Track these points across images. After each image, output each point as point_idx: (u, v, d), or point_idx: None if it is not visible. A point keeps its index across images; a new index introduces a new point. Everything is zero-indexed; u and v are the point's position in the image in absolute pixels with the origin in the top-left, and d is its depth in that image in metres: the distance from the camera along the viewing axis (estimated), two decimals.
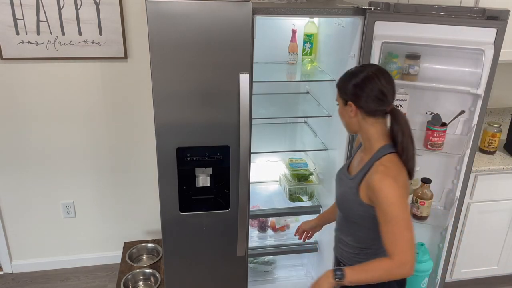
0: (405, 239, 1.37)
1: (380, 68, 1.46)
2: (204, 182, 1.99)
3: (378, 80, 1.40)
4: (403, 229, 1.38)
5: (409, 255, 1.37)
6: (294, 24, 2.42)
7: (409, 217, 1.40)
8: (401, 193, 1.39)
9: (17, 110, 2.53)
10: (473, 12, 1.86)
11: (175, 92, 1.79)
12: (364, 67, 1.47)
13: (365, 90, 1.41)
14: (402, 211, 1.38)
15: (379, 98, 1.41)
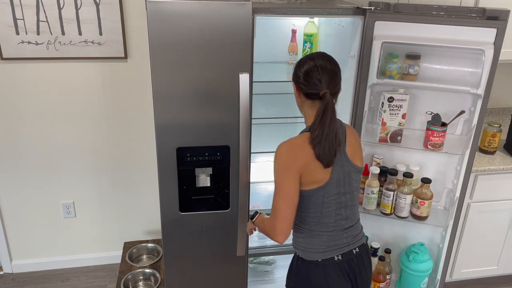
0: (276, 207, 1.53)
1: (323, 57, 1.55)
2: (204, 182, 1.99)
3: (315, 67, 1.52)
4: (277, 198, 1.53)
5: (277, 223, 1.52)
6: (294, 24, 2.42)
7: (288, 189, 1.52)
8: (288, 165, 1.52)
9: (17, 110, 2.53)
10: (473, 12, 1.86)
11: (175, 92, 1.79)
12: (311, 55, 1.58)
13: (303, 75, 1.54)
14: (281, 180, 1.52)
15: (313, 83, 1.52)
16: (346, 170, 1.60)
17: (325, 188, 1.57)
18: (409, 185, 2.06)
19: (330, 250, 1.64)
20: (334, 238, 1.64)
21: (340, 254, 1.64)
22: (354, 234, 1.68)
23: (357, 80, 2.00)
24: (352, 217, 1.67)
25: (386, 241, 2.34)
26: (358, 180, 1.67)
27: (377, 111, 2.07)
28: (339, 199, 1.61)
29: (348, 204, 1.64)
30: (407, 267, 2.23)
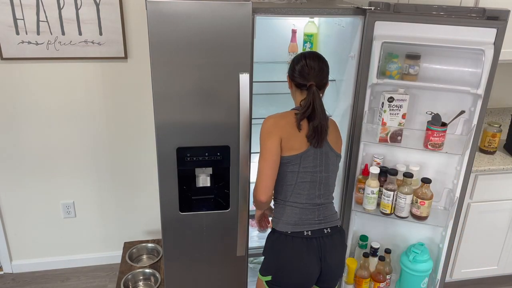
0: (259, 168, 1.75)
1: (312, 55, 1.79)
2: (204, 182, 1.99)
3: (305, 62, 1.76)
4: (260, 159, 1.76)
5: (259, 181, 1.74)
6: (294, 24, 2.42)
7: (271, 149, 1.74)
8: (271, 130, 1.75)
9: (17, 110, 2.53)
10: (473, 12, 1.86)
11: (175, 92, 1.79)
12: (303, 54, 1.80)
13: (295, 67, 1.78)
14: (264, 143, 1.75)
15: (301, 75, 1.75)
16: (324, 150, 1.78)
17: (302, 157, 1.75)
18: (409, 185, 2.06)
19: (301, 224, 1.78)
20: (306, 212, 1.78)
21: (310, 230, 1.77)
22: (326, 214, 1.81)
23: (357, 80, 2.00)
24: (326, 197, 1.82)
25: (386, 241, 2.34)
26: (335, 164, 1.84)
27: (377, 111, 2.07)
28: (314, 175, 1.77)
29: (323, 182, 1.80)
30: (407, 267, 2.23)
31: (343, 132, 2.12)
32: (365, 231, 2.33)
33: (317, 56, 1.80)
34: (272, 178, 1.75)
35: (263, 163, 1.74)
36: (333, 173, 1.84)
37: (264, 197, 1.74)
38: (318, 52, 1.83)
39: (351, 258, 2.32)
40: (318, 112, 1.73)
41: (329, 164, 1.81)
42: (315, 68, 1.76)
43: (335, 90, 2.23)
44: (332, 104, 2.29)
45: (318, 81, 1.77)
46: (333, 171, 1.84)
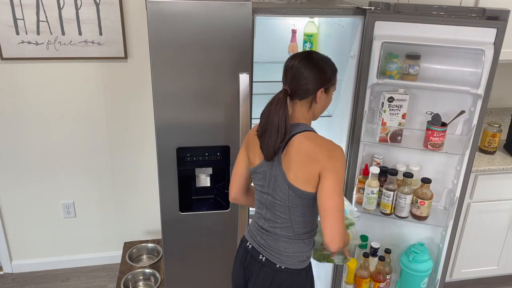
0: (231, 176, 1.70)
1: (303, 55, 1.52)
2: (204, 182, 1.99)
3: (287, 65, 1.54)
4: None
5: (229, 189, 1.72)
6: (294, 24, 2.42)
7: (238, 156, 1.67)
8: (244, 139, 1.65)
9: (17, 110, 2.53)
10: (473, 12, 1.86)
11: (175, 92, 1.79)
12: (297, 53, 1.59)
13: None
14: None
15: (283, 77, 1.57)
16: (273, 173, 1.53)
17: (253, 172, 1.60)
18: (409, 185, 2.06)
19: (250, 234, 1.68)
20: (255, 226, 1.66)
21: (251, 245, 1.65)
22: (271, 245, 1.59)
23: (357, 80, 2.00)
24: (273, 225, 1.58)
25: (386, 241, 2.34)
26: (285, 193, 1.51)
27: (377, 111, 2.07)
28: (261, 195, 1.60)
29: (269, 207, 1.58)
30: (407, 267, 2.23)
31: (344, 132, 2.12)
32: (365, 231, 2.33)
33: (307, 58, 1.50)
34: (236, 183, 1.70)
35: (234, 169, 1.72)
36: (281, 201, 1.53)
37: (231, 199, 1.75)
38: (316, 54, 1.53)
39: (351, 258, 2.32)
40: (269, 126, 1.47)
41: (277, 190, 1.53)
42: (293, 70, 1.50)
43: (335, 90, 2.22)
44: (332, 104, 2.29)
45: (292, 87, 1.50)
46: (281, 199, 1.53)
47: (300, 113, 1.55)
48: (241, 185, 1.70)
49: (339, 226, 1.42)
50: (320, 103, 1.56)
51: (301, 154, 1.47)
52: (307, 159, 1.46)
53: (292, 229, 1.56)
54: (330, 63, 1.55)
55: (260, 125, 1.51)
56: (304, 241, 1.59)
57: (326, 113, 2.31)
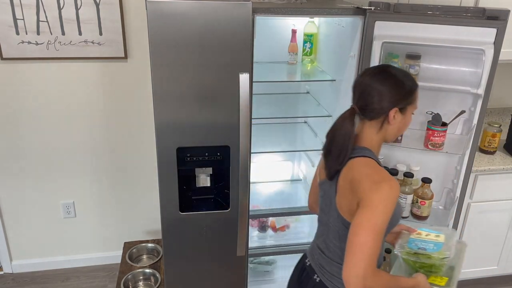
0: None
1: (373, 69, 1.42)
2: (204, 182, 1.99)
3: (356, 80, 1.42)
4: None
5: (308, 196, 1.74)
6: (294, 24, 2.42)
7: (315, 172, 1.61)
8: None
9: (17, 110, 2.53)
10: (473, 12, 1.86)
11: (175, 92, 1.79)
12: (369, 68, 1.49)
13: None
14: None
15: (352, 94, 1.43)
16: (330, 193, 1.45)
17: (318, 186, 1.55)
18: (409, 185, 2.06)
19: (310, 250, 1.62)
20: (315, 243, 1.59)
21: (309, 263, 1.58)
22: (325, 267, 1.50)
23: None
24: (327, 247, 1.50)
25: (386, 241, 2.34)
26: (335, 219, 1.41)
27: None
28: (321, 213, 1.54)
29: (325, 227, 1.50)
30: None
31: None
32: None
33: (379, 72, 1.36)
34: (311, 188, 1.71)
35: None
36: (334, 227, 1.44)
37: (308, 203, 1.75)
38: (392, 69, 1.37)
39: None
40: (332, 146, 1.37)
41: (330, 214, 1.45)
42: (362, 86, 1.36)
43: (335, 90, 2.23)
44: (332, 104, 2.29)
45: (360, 105, 1.36)
46: (334, 226, 1.43)
47: (367, 135, 1.40)
48: (314, 195, 1.67)
49: (358, 267, 1.20)
50: (395, 124, 1.38)
51: (347, 181, 1.35)
52: (350, 188, 1.34)
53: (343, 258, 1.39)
54: (407, 78, 1.37)
55: (325, 144, 1.42)
56: None
57: (326, 113, 2.31)
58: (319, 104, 2.46)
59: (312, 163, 2.59)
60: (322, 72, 2.36)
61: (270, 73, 2.39)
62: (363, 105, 1.36)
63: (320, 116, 2.33)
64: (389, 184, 1.26)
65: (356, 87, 1.39)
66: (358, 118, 1.40)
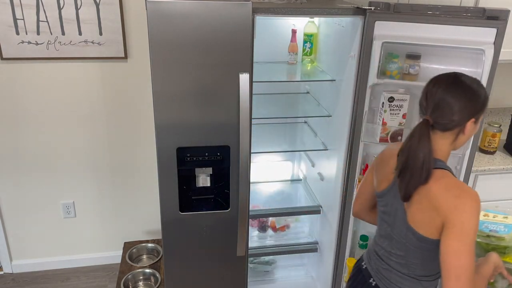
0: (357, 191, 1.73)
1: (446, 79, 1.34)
2: (204, 182, 1.99)
3: (425, 89, 1.37)
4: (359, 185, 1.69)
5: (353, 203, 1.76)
6: (294, 24, 2.42)
7: (364, 179, 1.65)
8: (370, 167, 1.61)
9: (17, 110, 2.53)
10: (473, 12, 1.85)
11: (175, 92, 1.79)
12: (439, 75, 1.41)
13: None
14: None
15: (420, 104, 1.38)
16: (395, 205, 1.43)
17: (378, 196, 1.53)
18: None
19: (367, 254, 1.64)
20: (372, 249, 1.60)
21: (365, 266, 1.61)
22: (383, 273, 1.52)
23: (357, 80, 1.99)
24: (388, 256, 1.50)
25: None
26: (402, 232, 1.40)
27: (377, 111, 2.07)
28: (382, 222, 1.53)
29: (387, 237, 1.50)
30: None
31: (344, 132, 2.12)
32: (366, 231, 2.33)
33: (455, 83, 1.31)
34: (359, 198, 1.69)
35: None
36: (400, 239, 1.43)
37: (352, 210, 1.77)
38: (466, 78, 1.33)
39: (351, 258, 2.32)
40: (411, 164, 1.32)
41: (395, 226, 1.44)
42: (437, 99, 1.30)
43: (335, 90, 2.23)
44: (332, 104, 2.29)
45: (435, 118, 1.31)
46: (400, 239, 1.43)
47: (439, 146, 1.37)
48: (364, 203, 1.67)
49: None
50: (468, 134, 1.36)
51: (423, 196, 1.33)
52: (429, 204, 1.31)
53: (407, 267, 1.45)
54: (480, 87, 1.33)
55: (400, 162, 1.36)
56: (421, 282, 1.46)
57: (326, 113, 2.31)
58: (319, 104, 2.46)
59: (312, 163, 2.59)
60: (322, 72, 2.36)
61: (270, 73, 2.39)
62: (438, 117, 1.31)
63: (320, 116, 2.33)
64: (470, 198, 1.26)
65: (429, 98, 1.33)
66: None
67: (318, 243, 2.58)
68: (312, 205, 2.53)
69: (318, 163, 2.53)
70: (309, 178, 2.74)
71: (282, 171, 2.88)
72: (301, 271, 2.80)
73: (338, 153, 2.20)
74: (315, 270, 2.69)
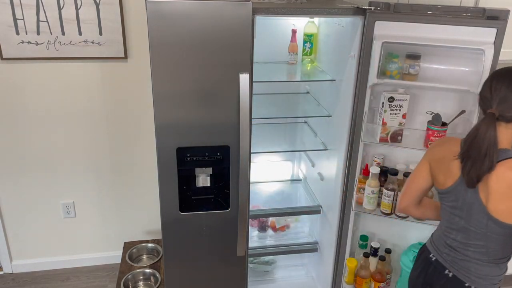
0: (404, 186, 1.73)
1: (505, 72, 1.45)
2: (204, 182, 1.99)
3: (490, 83, 1.45)
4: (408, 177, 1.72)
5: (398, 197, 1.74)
6: (294, 24, 2.42)
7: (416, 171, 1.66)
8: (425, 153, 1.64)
9: (17, 110, 2.53)
10: (473, 12, 1.86)
11: (175, 92, 1.79)
12: (497, 70, 1.52)
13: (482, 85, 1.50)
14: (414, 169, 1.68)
15: (484, 96, 1.46)
16: (467, 199, 1.49)
17: (443, 193, 1.58)
18: None
19: (433, 246, 1.68)
20: (442, 241, 1.64)
21: (435, 258, 1.66)
22: (459, 264, 1.58)
23: (357, 80, 2.00)
24: (464, 247, 1.56)
25: (386, 241, 2.34)
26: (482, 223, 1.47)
27: (377, 111, 2.07)
28: (452, 216, 1.58)
29: (460, 230, 1.56)
30: (407, 267, 2.23)
31: (344, 132, 2.12)
32: (365, 231, 2.33)
33: (495, 73, 1.46)
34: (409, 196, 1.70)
35: (408, 179, 1.72)
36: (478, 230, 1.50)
37: (400, 209, 1.76)
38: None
39: (351, 258, 2.32)
40: (475, 152, 1.41)
41: (472, 219, 1.51)
42: (504, 92, 1.40)
43: (335, 90, 2.23)
44: (332, 104, 2.29)
45: (501, 111, 1.41)
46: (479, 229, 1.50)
47: (504, 136, 1.45)
48: (414, 198, 1.69)
49: None
50: None
51: (503, 184, 1.41)
52: (510, 192, 1.40)
53: (487, 254, 1.53)
54: None
55: (464, 150, 1.45)
56: (499, 265, 1.56)
57: (326, 113, 2.32)
58: (319, 104, 2.46)
59: (312, 163, 2.59)
60: (322, 72, 2.36)
61: (270, 73, 2.39)
62: (505, 110, 1.40)
63: (320, 116, 2.33)
64: None
65: (494, 93, 1.42)
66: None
67: (318, 243, 2.58)
68: (312, 205, 2.53)
69: (318, 163, 2.53)
70: (309, 178, 2.74)
71: (282, 171, 2.88)
72: (301, 271, 2.80)
73: (338, 153, 2.20)
74: (315, 270, 2.69)
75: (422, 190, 1.67)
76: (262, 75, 2.24)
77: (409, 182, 1.70)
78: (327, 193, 2.40)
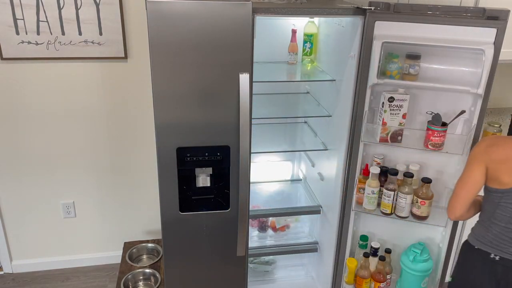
0: (454, 193, 1.74)
1: None
2: (204, 182, 1.99)
3: None
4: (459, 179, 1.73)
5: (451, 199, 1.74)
6: (294, 24, 2.42)
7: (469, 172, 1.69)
8: (473, 156, 1.68)
9: (17, 110, 2.53)
10: (473, 12, 1.85)
11: (175, 92, 1.79)
12: None
13: None
14: (467, 164, 1.70)
15: None
16: None
17: (506, 192, 1.63)
18: (409, 185, 2.06)
19: (490, 245, 1.71)
20: (503, 238, 1.67)
21: (499, 256, 1.68)
22: None
23: (357, 80, 1.99)
24: None
25: (386, 241, 2.34)
26: None
27: (377, 111, 2.07)
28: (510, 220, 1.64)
29: None
30: (407, 267, 2.23)
31: (344, 132, 2.12)
32: (366, 231, 2.33)
33: None
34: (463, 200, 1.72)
35: (458, 182, 1.74)
36: None
37: (451, 216, 1.78)
38: None
39: (351, 258, 2.32)
40: None
41: None
42: None
43: (335, 90, 2.23)
44: (332, 104, 2.29)
45: None
46: None
47: None
48: (468, 203, 1.72)
49: None
50: None
51: None
52: None
53: None
54: None
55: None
56: None
57: (326, 113, 2.32)
58: (319, 104, 2.46)
59: (312, 163, 2.59)
60: (322, 72, 2.36)
61: (270, 73, 2.39)
62: None
63: (320, 116, 2.33)
64: None
65: None
66: None
67: (318, 243, 2.58)
68: (312, 205, 2.53)
69: (318, 163, 2.53)
70: (309, 178, 2.74)
71: (282, 171, 2.88)
72: (301, 271, 2.80)
73: (338, 153, 2.20)
74: (315, 270, 2.69)
75: (475, 194, 1.70)
76: (262, 75, 2.24)
77: (461, 189, 1.71)
78: (327, 193, 2.40)
